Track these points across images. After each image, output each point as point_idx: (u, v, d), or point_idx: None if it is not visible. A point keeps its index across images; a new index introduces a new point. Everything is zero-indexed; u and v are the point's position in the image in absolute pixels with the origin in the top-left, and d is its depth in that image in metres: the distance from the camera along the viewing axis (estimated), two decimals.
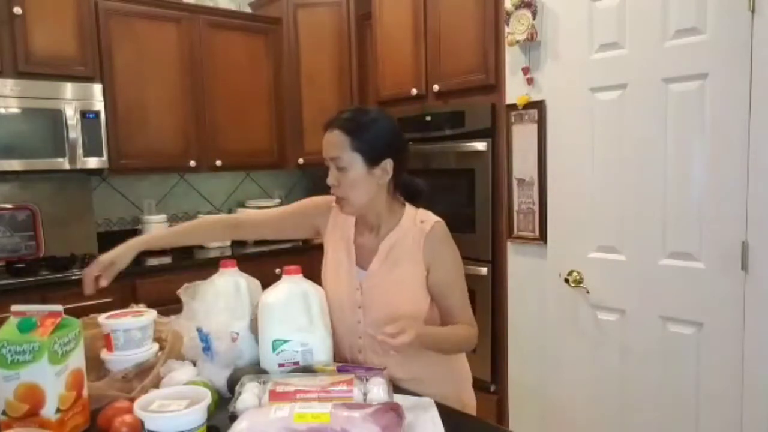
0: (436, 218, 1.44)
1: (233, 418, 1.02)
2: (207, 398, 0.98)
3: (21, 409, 1.01)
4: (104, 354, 1.36)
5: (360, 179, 1.34)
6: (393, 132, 1.39)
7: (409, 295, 1.39)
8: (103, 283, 1.48)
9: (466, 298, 1.44)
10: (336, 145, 1.33)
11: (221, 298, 1.36)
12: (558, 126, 2.23)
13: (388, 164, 1.35)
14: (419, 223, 1.41)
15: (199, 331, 1.30)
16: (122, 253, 1.54)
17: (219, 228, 1.67)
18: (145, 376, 1.26)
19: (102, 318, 1.40)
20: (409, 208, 1.46)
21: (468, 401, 1.50)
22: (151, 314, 1.44)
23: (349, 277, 1.44)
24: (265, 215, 1.64)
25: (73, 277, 2.67)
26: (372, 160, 1.33)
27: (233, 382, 1.19)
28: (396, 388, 1.22)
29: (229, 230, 1.68)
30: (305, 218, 1.57)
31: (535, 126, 2.32)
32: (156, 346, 1.41)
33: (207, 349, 1.30)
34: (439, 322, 1.43)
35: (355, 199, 1.36)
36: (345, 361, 1.41)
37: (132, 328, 1.37)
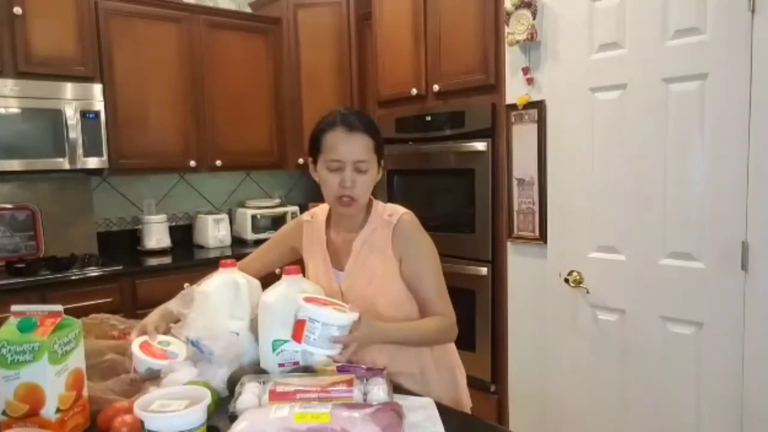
0: (404, 210, 1.45)
1: (233, 418, 1.02)
2: (207, 398, 0.98)
3: (21, 409, 1.01)
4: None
5: (373, 180, 1.40)
6: None
7: (382, 288, 1.40)
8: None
9: (441, 288, 1.43)
10: (364, 148, 1.36)
11: (219, 298, 1.36)
12: (558, 126, 2.23)
13: (382, 163, 1.45)
14: (387, 216, 1.43)
15: (190, 341, 1.29)
16: (156, 321, 1.43)
17: None
18: (153, 380, 1.26)
19: (303, 297, 1.23)
20: (377, 203, 1.48)
21: (463, 399, 1.52)
22: (353, 315, 1.23)
23: (328, 281, 1.46)
24: (251, 262, 1.66)
25: (73, 277, 2.67)
26: (380, 160, 1.42)
27: (233, 382, 1.19)
28: (397, 387, 1.22)
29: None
30: (283, 247, 1.64)
31: (535, 126, 2.32)
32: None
33: (202, 353, 1.29)
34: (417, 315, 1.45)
35: (364, 198, 1.41)
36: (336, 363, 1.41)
37: (333, 324, 1.19)
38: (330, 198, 1.41)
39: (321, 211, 1.55)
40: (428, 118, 2.81)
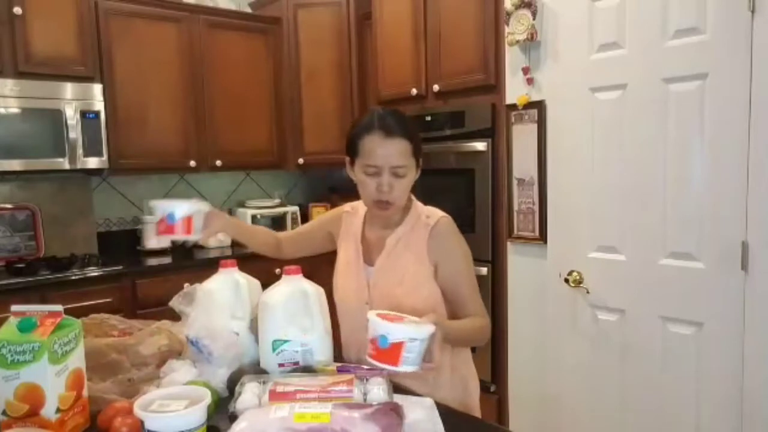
0: (442, 213, 1.43)
1: (233, 418, 1.02)
2: (207, 398, 0.98)
3: (21, 409, 1.01)
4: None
5: (411, 182, 1.38)
6: None
7: (412, 289, 1.38)
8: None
9: (476, 290, 1.43)
10: (401, 153, 1.33)
11: (220, 298, 1.36)
12: (558, 126, 2.23)
13: (420, 163, 1.40)
14: (425, 218, 1.42)
15: (189, 340, 1.29)
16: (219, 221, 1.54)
17: (271, 241, 1.70)
18: (149, 380, 1.26)
19: (376, 314, 1.17)
20: (417, 204, 1.47)
21: (473, 405, 1.49)
22: (431, 325, 1.15)
23: (357, 275, 1.45)
24: (297, 232, 1.72)
25: (73, 277, 2.67)
26: (418, 162, 1.39)
27: (233, 382, 1.19)
28: (397, 387, 1.22)
29: (275, 247, 1.70)
30: (322, 231, 1.62)
31: (535, 126, 2.32)
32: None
33: (202, 353, 1.29)
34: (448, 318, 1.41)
35: (403, 201, 1.39)
36: (351, 362, 1.40)
37: (425, 339, 1.13)
38: (367, 201, 1.40)
39: (361, 206, 1.53)
40: (428, 118, 2.81)
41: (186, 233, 1.43)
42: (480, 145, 2.59)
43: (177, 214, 1.43)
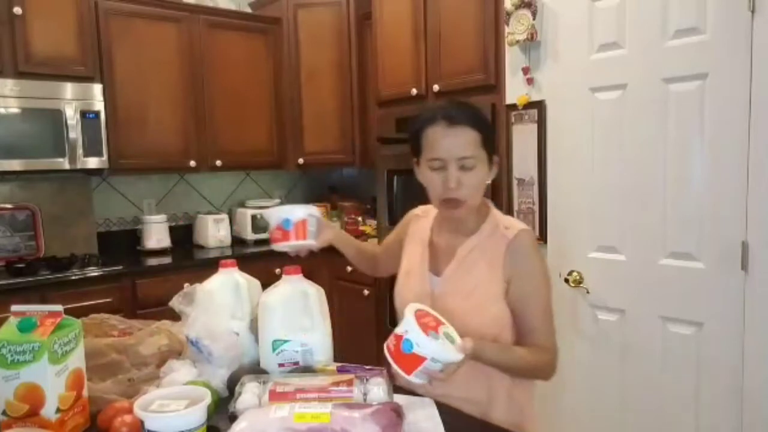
0: (523, 226, 1.30)
1: (233, 418, 1.02)
2: (207, 398, 0.98)
3: (21, 409, 1.01)
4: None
5: (483, 179, 1.25)
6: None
7: (481, 307, 1.25)
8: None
9: (548, 319, 1.28)
10: (469, 143, 1.21)
11: (220, 298, 1.36)
12: (558, 126, 2.23)
13: (496, 160, 1.29)
14: (503, 229, 1.29)
15: (189, 340, 1.29)
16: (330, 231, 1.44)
17: (371, 258, 1.61)
18: (149, 380, 1.26)
19: (415, 311, 1.11)
20: (495, 212, 1.34)
21: (530, 429, 1.34)
22: (458, 357, 1.08)
23: (420, 283, 1.34)
24: (383, 247, 1.60)
25: (73, 277, 2.67)
26: (491, 156, 1.26)
27: (233, 382, 1.18)
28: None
29: (374, 264, 1.62)
30: (399, 239, 1.50)
31: (535, 126, 2.32)
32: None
33: (202, 353, 1.29)
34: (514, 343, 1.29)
35: (474, 200, 1.26)
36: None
37: (446, 362, 1.07)
38: (435, 201, 1.28)
39: (433, 209, 1.41)
40: None
41: (302, 238, 1.36)
42: None
43: (292, 220, 1.36)
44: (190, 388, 1.06)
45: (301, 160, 3.62)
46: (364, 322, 3.24)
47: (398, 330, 1.09)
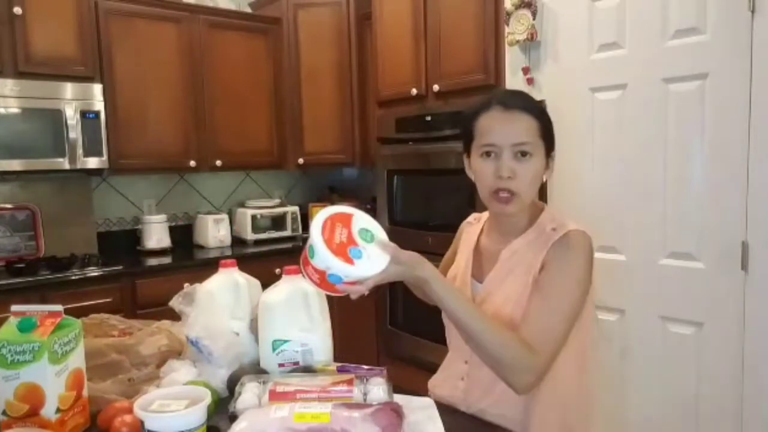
0: (576, 226, 1.15)
1: (233, 418, 1.02)
2: (207, 398, 0.98)
3: (21, 409, 1.01)
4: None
5: (539, 172, 1.14)
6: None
7: (519, 311, 1.13)
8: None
9: (554, 325, 1.09)
10: (525, 129, 1.12)
11: (220, 298, 1.36)
12: (558, 126, 2.20)
13: (553, 156, 1.19)
14: (550, 230, 1.16)
15: (189, 340, 1.29)
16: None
17: None
18: (149, 380, 1.26)
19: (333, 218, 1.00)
20: (547, 211, 1.22)
21: None
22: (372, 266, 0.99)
23: (461, 289, 1.25)
24: (444, 266, 1.42)
25: (73, 277, 2.67)
26: (549, 150, 1.17)
27: (233, 382, 1.18)
28: (398, 388, 1.21)
29: None
30: (451, 258, 1.41)
31: None
32: None
33: (202, 353, 1.29)
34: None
35: (528, 195, 1.14)
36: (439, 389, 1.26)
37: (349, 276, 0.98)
38: (485, 193, 1.15)
39: (485, 215, 1.32)
40: (428, 118, 2.81)
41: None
42: None
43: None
44: (190, 388, 1.06)
45: (301, 160, 3.62)
46: (364, 322, 3.24)
47: (318, 265, 0.97)
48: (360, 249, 0.98)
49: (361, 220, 1.03)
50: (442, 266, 1.43)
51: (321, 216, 0.99)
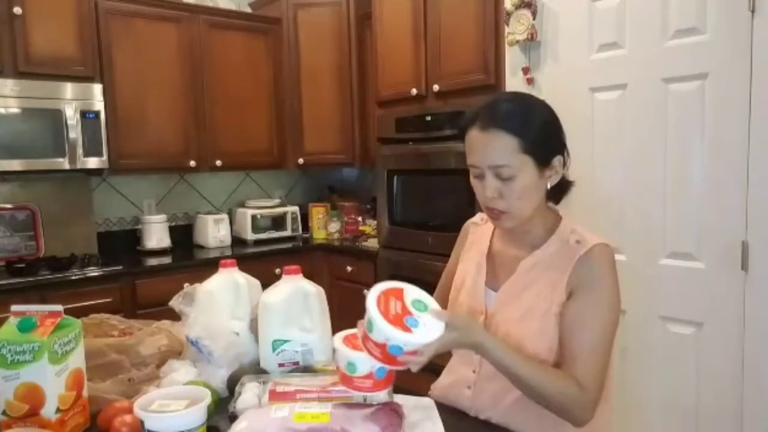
0: (598, 239, 1.14)
1: (233, 418, 1.02)
2: (207, 398, 0.98)
3: (21, 409, 1.01)
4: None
5: (530, 187, 1.10)
6: (557, 120, 1.16)
7: (535, 331, 1.10)
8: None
9: (598, 354, 1.07)
10: (500, 150, 1.07)
11: (220, 298, 1.36)
12: None
13: (557, 162, 1.14)
14: (573, 242, 1.13)
15: (189, 340, 1.29)
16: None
17: None
18: (149, 380, 1.26)
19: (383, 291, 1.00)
20: (566, 222, 1.20)
21: None
22: (429, 335, 0.98)
23: (473, 296, 1.22)
24: (442, 287, 1.39)
25: (73, 277, 2.67)
26: (543, 161, 1.11)
27: (233, 382, 1.19)
28: (398, 387, 1.21)
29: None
30: (454, 262, 1.37)
31: None
32: None
33: (202, 353, 1.29)
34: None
35: (522, 211, 1.12)
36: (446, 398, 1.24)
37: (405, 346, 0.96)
38: (482, 206, 1.16)
39: None
40: (428, 118, 2.81)
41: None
42: None
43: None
44: (190, 388, 1.06)
45: (301, 160, 3.62)
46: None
47: (378, 339, 0.96)
48: (416, 318, 0.99)
49: (413, 292, 1.05)
50: (447, 269, 1.41)
51: (374, 291, 1.01)
